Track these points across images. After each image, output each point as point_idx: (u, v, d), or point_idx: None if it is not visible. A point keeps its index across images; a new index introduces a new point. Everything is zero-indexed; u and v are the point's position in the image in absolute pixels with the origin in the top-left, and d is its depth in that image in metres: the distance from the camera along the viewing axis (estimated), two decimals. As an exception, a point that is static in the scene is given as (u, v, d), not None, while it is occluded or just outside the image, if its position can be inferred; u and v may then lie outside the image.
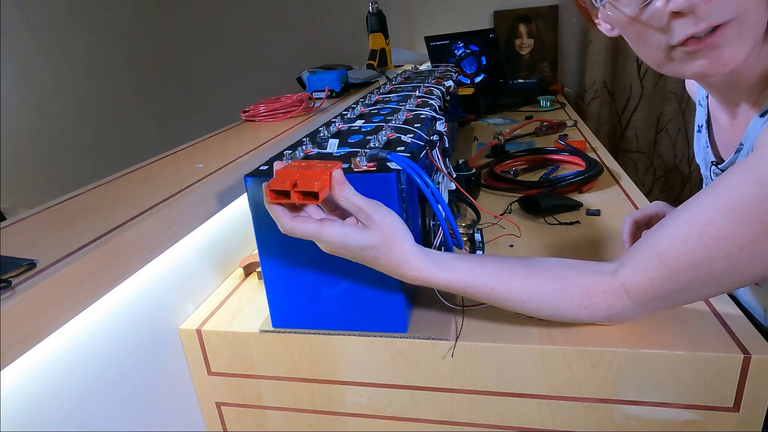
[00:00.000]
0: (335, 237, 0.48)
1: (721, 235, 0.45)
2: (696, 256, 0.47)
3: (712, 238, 0.46)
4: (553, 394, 0.56)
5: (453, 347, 0.57)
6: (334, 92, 1.28)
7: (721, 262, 0.46)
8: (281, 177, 0.46)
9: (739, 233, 0.44)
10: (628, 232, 0.70)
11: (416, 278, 0.51)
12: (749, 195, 0.44)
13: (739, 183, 0.45)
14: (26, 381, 0.46)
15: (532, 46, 2.18)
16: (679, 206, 0.51)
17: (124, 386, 0.57)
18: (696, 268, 0.47)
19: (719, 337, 0.53)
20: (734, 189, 0.45)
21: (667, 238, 0.49)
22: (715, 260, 0.46)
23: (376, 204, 0.48)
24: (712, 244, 0.46)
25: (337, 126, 0.71)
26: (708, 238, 0.46)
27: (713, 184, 0.48)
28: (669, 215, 0.51)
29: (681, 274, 0.48)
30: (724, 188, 0.46)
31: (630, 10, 0.51)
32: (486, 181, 1.05)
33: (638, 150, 2.18)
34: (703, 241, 0.46)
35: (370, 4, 1.61)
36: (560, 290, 0.53)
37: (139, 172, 0.77)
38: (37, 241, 0.52)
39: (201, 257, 0.71)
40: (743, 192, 0.45)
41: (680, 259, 0.48)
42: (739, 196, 0.45)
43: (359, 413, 0.64)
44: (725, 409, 0.52)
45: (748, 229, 0.44)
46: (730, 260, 0.46)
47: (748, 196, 0.44)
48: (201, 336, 0.65)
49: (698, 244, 0.46)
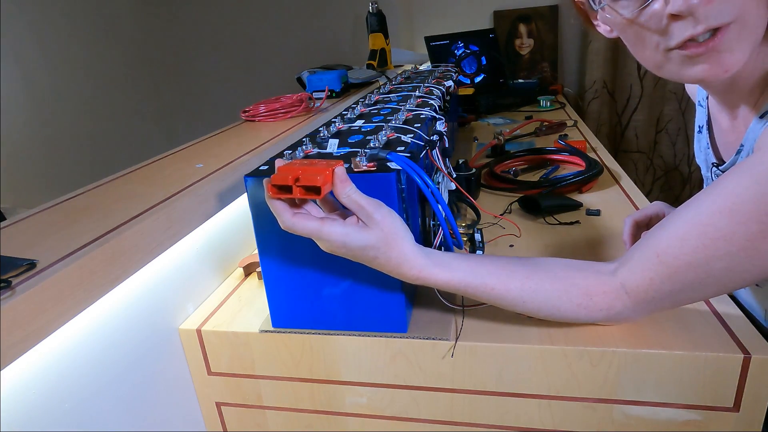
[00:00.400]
0: (335, 236, 0.48)
1: (720, 235, 0.45)
2: (695, 257, 0.47)
3: (712, 238, 0.46)
4: (553, 394, 0.56)
5: (453, 347, 0.57)
6: (334, 92, 1.28)
7: (720, 262, 0.46)
8: (283, 172, 0.46)
9: (739, 234, 0.45)
10: (629, 233, 0.70)
11: (416, 278, 0.51)
12: (749, 196, 0.44)
13: (739, 184, 0.45)
14: (26, 381, 0.46)
15: (532, 46, 2.18)
16: (679, 207, 0.51)
17: (124, 386, 0.57)
18: (695, 268, 0.47)
19: (719, 337, 0.53)
20: (734, 190, 0.45)
21: (667, 239, 0.49)
22: (715, 260, 0.46)
23: (377, 203, 0.48)
24: (712, 245, 0.46)
25: (337, 126, 0.71)
26: (707, 239, 0.46)
27: (713, 185, 0.48)
28: (668, 216, 0.51)
29: (680, 274, 0.48)
30: (724, 189, 0.46)
31: (628, 12, 0.51)
32: (486, 181, 1.05)
33: (638, 150, 2.18)
34: (703, 242, 0.46)
35: (370, 4, 1.61)
36: (560, 290, 0.53)
37: (139, 172, 0.77)
38: (37, 241, 0.52)
39: (201, 257, 0.71)
40: (743, 193, 0.45)
41: (680, 259, 0.48)
42: (739, 196, 0.45)
43: (359, 413, 0.64)
44: (725, 409, 0.52)
45: (747, 230, 0.44)
46: (729, 260, 0.46)
47: (747, 196, 0.44)
48: (201, 336, 0.65)
49: (698, 244, 0.46)
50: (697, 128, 0.73)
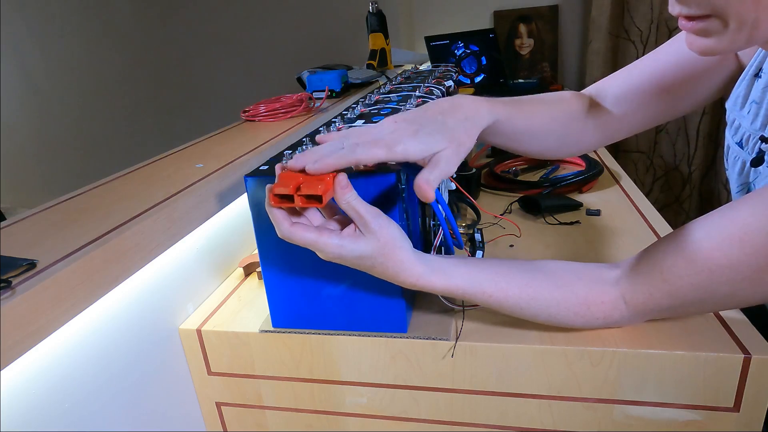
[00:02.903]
0: (331, 247, 0.48)
1: (726, 262, 0.45)
2: (699, 279, 0.47)
3: (718, 264, 0.46)
4: (553, 394, 0.56)
5: (453, 347, 0.57)
6: (334, 92, 1.28)
7: (723, 287, 0.46)
8: (284, 180, 0.46)
9: (746, 264, 0.45)
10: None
11: (414, 285, 0.51)
12: (760, 227, 0.44)
13: (753, 213, 0.45)
14: (26, 381, 0.46)
15: (532, 46, 2.18)
16: (689, 223, 0.50)
17: (124, 386, 0.57)
18: (698, 289, 0.48)
19: (719, 337, 0.53)
20: (746, 219, 0.45)
21: (673, 257, 0.49)
22: (718, 285, 0.46)
23: (375, 212, 0.48)
24: (717, 270, 0.46)
25: (337, 126, 0.71)
26: (713, 264, 0.46)
27: (727, 208, 0.47)
28: (676, 231, 0.50)
29: (682, 293, 0.48)
30: (737, 216, 0.46)
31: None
32: (486, 181, 1.05)
33: (638, 150, 2.18)
34: (708, 266, 0.46)
35: (370, 4, 1.61)
36: (558, 299, 0.53)
37: (139, 172, 0.77)
38: (37, 241, 0.52)
39: (201, 257, 0.71)
40: (755, 223, 0.44)
41: (683, 279, 0.48)
42: (751, 226, 0.44)
43: (359, 413, 0.64)
44: (725, 409, 0.52)
45: (755, 261, 0.44)
46: (732, 287, 0.46)
47: (759, 227, 0.44)
48: (201, 336, 0.65)
49: (703, 267, 0.47)
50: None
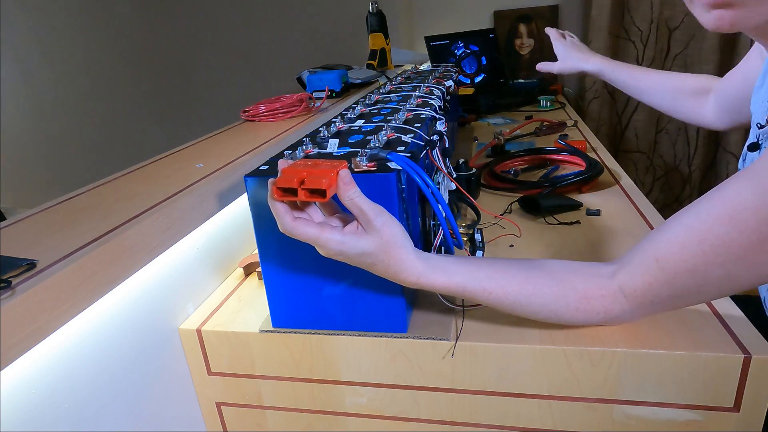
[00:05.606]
0: (333, 243, 0.48)
1: (719, 242, 0.45)
2: (694, 263, 0.47)
3: (711, 245, 0.46)
4: (553, 394, 0.56)
5: (453, 347, 0.57)
6: (334, 92, 1.28)
7: (718, 269, 0.46)
8: (288, 174, 0.46)
9: (737, 242, 0.45)
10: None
11: (414, 284, 0.51)
12: (749, 205, 0.44)
13: (741, 191, 0.45)
14: (26, 381, 0.46)
15: (532, 46, 2.18)
16: (680, 211, 0.50)
17: (124, 386, 0.57)
18: (694, 274, 0.47)
19: (719, 337, 0.53)
20: (735, 197, 0.45)
21: (666, 244, 0.49)
22: (713, 267, 0.46)
23: (378, 209, 0.48)
24: (710, 251, 0.46)
25: (337, 126, 0.71)
26: (706, 245, 0.46)
27: (715, 190, 0.48)
28: (669, 220, 0.51)
29: (679, 280, 0.48)
30: (725, 196, 0.46)
31: None
32: (486, 181, 1.05)
33: (638, 150, 2.18)
34: (702, 248, 0.46)
35: (370, 4, 1.61)
36: (558, 295, 0.53)
37: (139, 172, 0.77)
38: (37, 241, 0.52)
39: (201, 257, 0.71)
40: (743, 201, 0.44)
41: (678, 264, 0.48)
42: (740, 204, 0.45)
43: (359, 413, 0.64)
44: (725, 409, 0.52)
45: (746, 239, 0.44)
46: (726, 268, 0.46)
47: (748, 205, 0.44)
48: (201, 336, 0.65)
49: (697, 250, 0.47)
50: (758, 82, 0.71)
